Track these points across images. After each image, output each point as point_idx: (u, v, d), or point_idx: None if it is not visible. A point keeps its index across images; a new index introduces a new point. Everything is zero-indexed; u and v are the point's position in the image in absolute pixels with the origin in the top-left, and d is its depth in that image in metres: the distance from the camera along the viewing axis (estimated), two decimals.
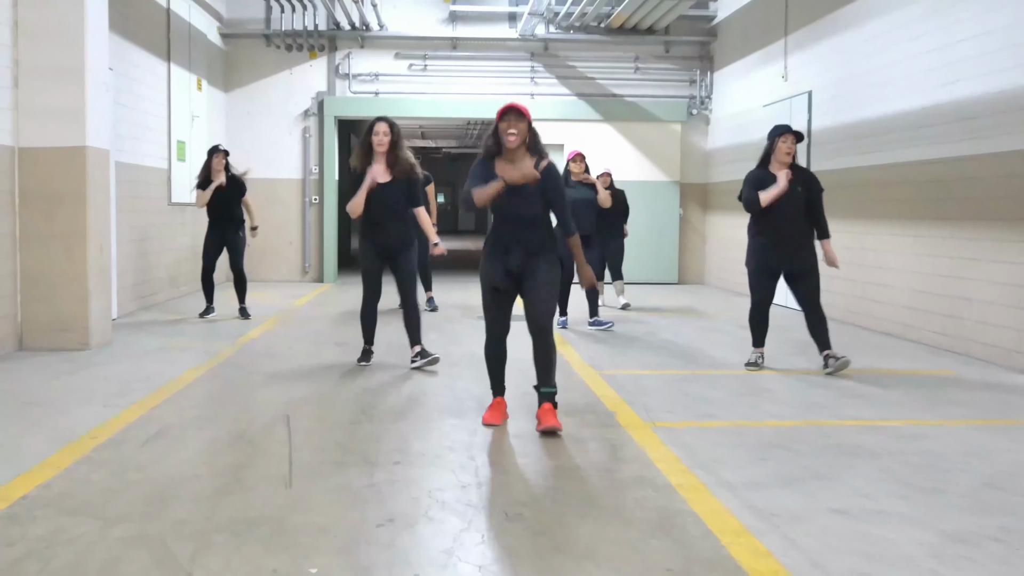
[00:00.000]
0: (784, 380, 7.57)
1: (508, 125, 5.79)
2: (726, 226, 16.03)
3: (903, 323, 10.02)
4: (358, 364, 8.02)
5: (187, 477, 4.72)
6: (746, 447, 5.43)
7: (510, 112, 5.80)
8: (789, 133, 7.86)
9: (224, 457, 5.13)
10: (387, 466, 4.95)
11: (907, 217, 9.96)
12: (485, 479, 4.76)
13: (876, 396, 6.96)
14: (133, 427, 5.75)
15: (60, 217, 8.73)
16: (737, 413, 6.37)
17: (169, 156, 13.27)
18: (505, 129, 5.79)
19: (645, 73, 17.04)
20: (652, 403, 6.64)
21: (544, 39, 16.78)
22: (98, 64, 8.97)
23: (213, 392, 6.98)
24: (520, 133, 5.78)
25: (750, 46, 15.00)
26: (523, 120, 5.80)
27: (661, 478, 4.79)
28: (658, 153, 16.98)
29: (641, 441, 5.55)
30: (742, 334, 10.09)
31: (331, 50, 16.78)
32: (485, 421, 5.94)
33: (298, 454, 5.17)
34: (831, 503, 4.40)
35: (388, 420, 6.04)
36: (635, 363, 8.40)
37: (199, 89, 14.76)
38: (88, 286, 8.79)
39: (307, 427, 5.83)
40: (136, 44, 11.95)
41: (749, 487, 4.65)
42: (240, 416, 6.13)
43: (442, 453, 5.24)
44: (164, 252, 13.06)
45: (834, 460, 5.15)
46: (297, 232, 16.87)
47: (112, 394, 6.74)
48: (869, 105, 10.86)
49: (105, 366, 7.92)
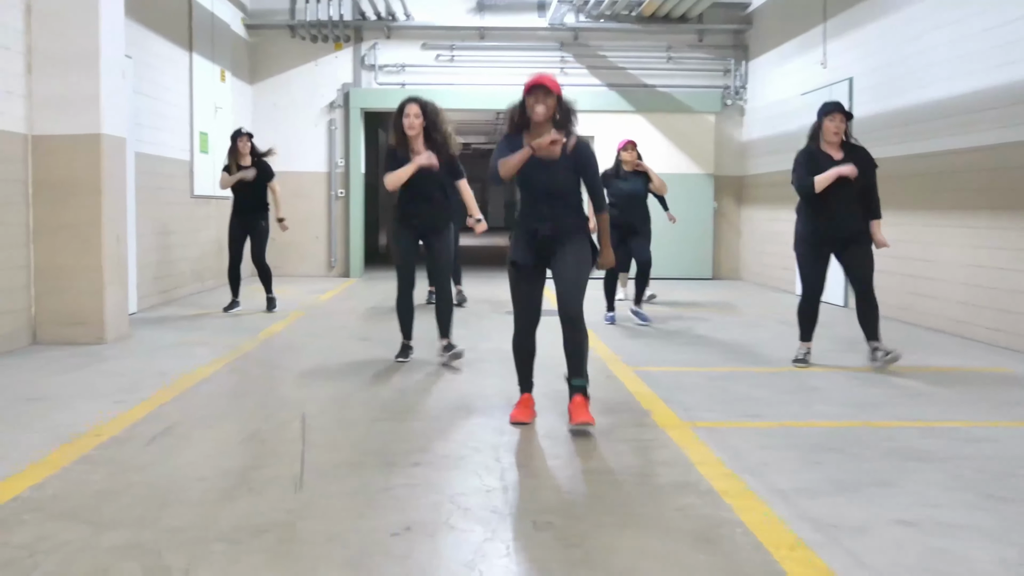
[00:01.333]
0: (833, 377, 7.13)
1: (535, 100, 5.42)
2: (762, 220, 15.57)
3: (954, 318, 9.54)
4: (396, 361, 7.61)
5: (190, 479, 4.36)
6: (796, 449, 5.01)
7: (537, 88, 5.42)
8: (837, 111, 7.40)
9: (232, 457, 4.77)
10: (406, 468, 4.57)
11: (959, 207, 9.48)
12: (512, 483, 4.37)
13: (933, 395, 6.51)
14: (140, 425, 5.41)
15: (75, 207, 8.42)
16: (784, 412, 5.95)
17: (191, 147, 12.97)
18: (532, 104, 5.43)
19: (678, 63, 16.58)
20: (691, 401, 6.23)
21: (574, 28, 16.36)
22: (114, 49, 8.65)
23: (227, 388, 6.63)
24: (548, 108, 5.41)
25: (787, 33, 14.53)
26: (551, 95, 5.42)
27: (704, 483, 4.38)
28: (692, 145, 16.53)
29: (680, 442, 5.15)
30: (783, 329, 9.66)
31: (357, 41, 16.44)
32: (513, 419, 5.56)
33: (312, 455, 4.81)
34: (896, 513, 3.97)
35: (409, 418, 5.67)
36: (671, 359, 7.98)
37: (223, 80, 14.46)
38: (103, 278, 8.48)
39: (323, 425, 5.46)
40: (157, 33, 11.65)
41: (803, 494, 4.23)
42: (254, 413, 5.77)
43: (466, 454, 4.86)
44: (187, 245, 12.76)
45: (896, 465, 4.71)
46: (323, 226, 16.55)
47: (122, 389, 6.41)
48: (915, 90, 10.38)
49: (118, 360, 7.60)
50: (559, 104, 5.47)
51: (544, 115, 5.41)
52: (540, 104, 5.40)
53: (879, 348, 7.34)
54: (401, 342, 7.71)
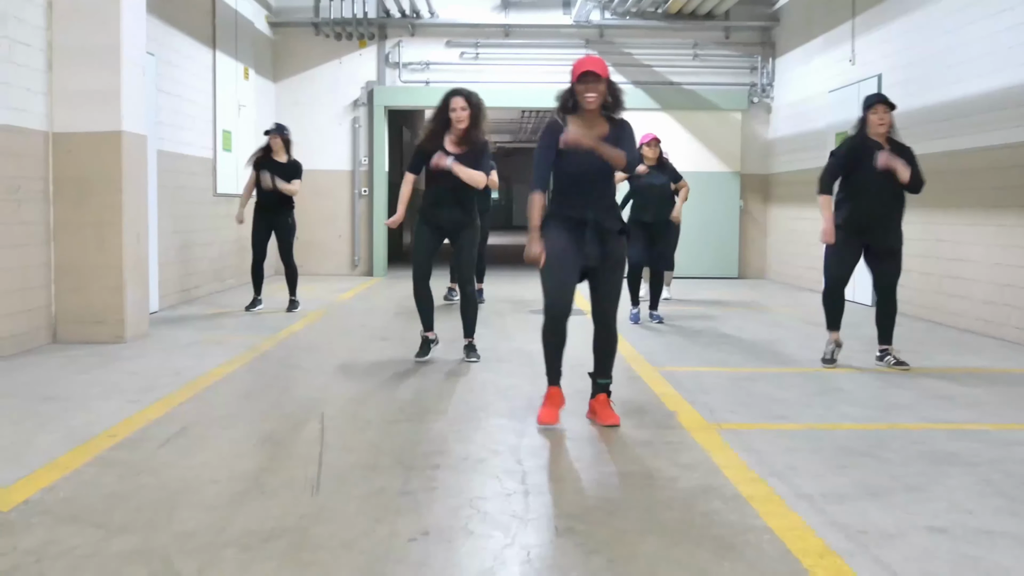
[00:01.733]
0: (859, 378, 6.99)
1: (586, 88, 5.32)
2: (789, 218, 15.39)
3: (982, 319, 9.36)
4: (415, 360, 7.50)
5: (204, 481, 4.28)
6: (823, 453, 4.88)
7: (588, 75, 5.31)
8: (880, 103, 7.22)
9: (247, 459, 4.68)
10: (425, 471, 4.47)
11: (989, 205, 9.30)
12: (533, 487, 4.26)
13: (962, 396, 6.36)
14: (154, 425, 5.34)
15: (94, 205, 8.38)
16: (810, 414, 5.81)
17: (215, 146, 12.93)
18: (583, 91, 5.32)
19: (704, 60, 16.43)
20: (715, 403, 6.10)
21: (599, 25, 16.24)
22: (134, 45, 8.60)
23: (245, 388, 6.55)
24: (599, 95, 5.32)
25: (814, 30, 14.34)
26: (601, 81, 5.32)
27: (729, 487, 4.26)
28: (717, 143, 16.37)
29: (705, 445, 5.03)
30: (809, 330, 9.52)
31: (381, 39, 16.37)
32: (541, 421, 5.40)
33: (328, 456, 4.72)
34: (928, 520, 3.84)
35: (429, 419, 5.57)
36: (695, 359, 7.86)
37: (246, 78, 14.42)
38: (123, 277, 8.43)
39: (341, 426, 5.38)
40: (180, 30, 11.61)
41: (831, 499, 4.10)
42: (270, 414, 5.69)
43: (486, 457, 4.75)
44: (209, 244, 12.73)
45: (926, 469, 4.58)
46: (346, 225, 16.49)
47: (139, 389, 6.35)
48: (946, 86, 10.20)
49: (136, 360, 7.55)
50: (609, 89, 5.38)
51: (595, 102, 5.33)
52: (591, 92, 5.31)
53: (889, 352, 7.23)
54: (421, 335, 7.62)
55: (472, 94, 7.30)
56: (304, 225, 15.97)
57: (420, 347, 7.59)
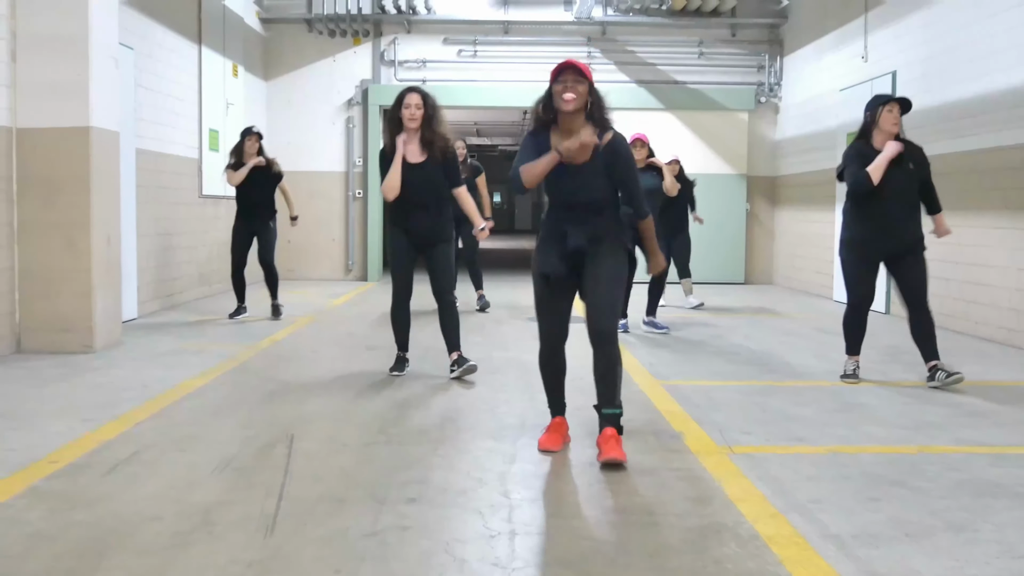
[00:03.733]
0: (882, 393, 6.44)
1: (564, 88, 4.68)
2: (797, 222, 14.85)
3: (1007, 327, 8.82)
4: (390, 374, 7.00)
5: (145, 518, 3.74)
6: (851, 482, 4.33)
7: (567, 70, 4.69)
8: (895, 101, 6.67)
9: (200, 490, 4.14)
10: (398, 505, 3.93)
11: (1014, 207, 8.75)
12: (520, 525, 3.71)
13: (995, 414, 5.81)
14: (105, 449, 4.80)
15: (62, 205, 7.86)
16: (832, 435, 5.26)
17: (200, 145, 12.41)
18: (560, 92, 4.69)
19: (710, 58, 15.88)
20: (726, 421, 5.56)
21: (602, 22, 15.69)
22: (105, 35, 8.08)
23: (214, 404, 5.99)
24: (579, 96, 4.68)
25: (825, 26, 13.80)
26: (583, 81, 4.69)
27: (745, 525, 3.72)
28: (723, 144, 15.82)
29: (716, 472, 4.48)
30: (823, 338, 8.98)
31: (376, 35, 15.84)
32: (541, 447, 4.87)
33: (293, 487, 4.17)
34: (979, 568, 3.29)
35: (410, 442, 5.03)
36: (703, 372, 7.32)
37: (235, 75, 13.90)
38: (92, 281, 7.90)
39: (312, 449, 4.84)
40: (162, 23, 11.08)
41: (864, 541, 3.55)
42: (235, 435, 5.14)
43: (470, 487, 4.21)
44: (195, 248, 12.20)
45: (969, 503, 4.02)
46: (340, 227, 15.96)
47: (97, 405, 5.82)
48: (965, 83, 9.66)
49: (104, 371, 7.02)
50: (591, 93, 4.76)
51: (575, 104, 4.67)
52: (569, 91, 4.66)
53: (940, 368, 6.59)
54: (396, 354, 7.10)
55: (428, 95, 6.73)
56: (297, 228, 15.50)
57: (396, 363, 7.07)
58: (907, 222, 6.58)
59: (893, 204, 6.52)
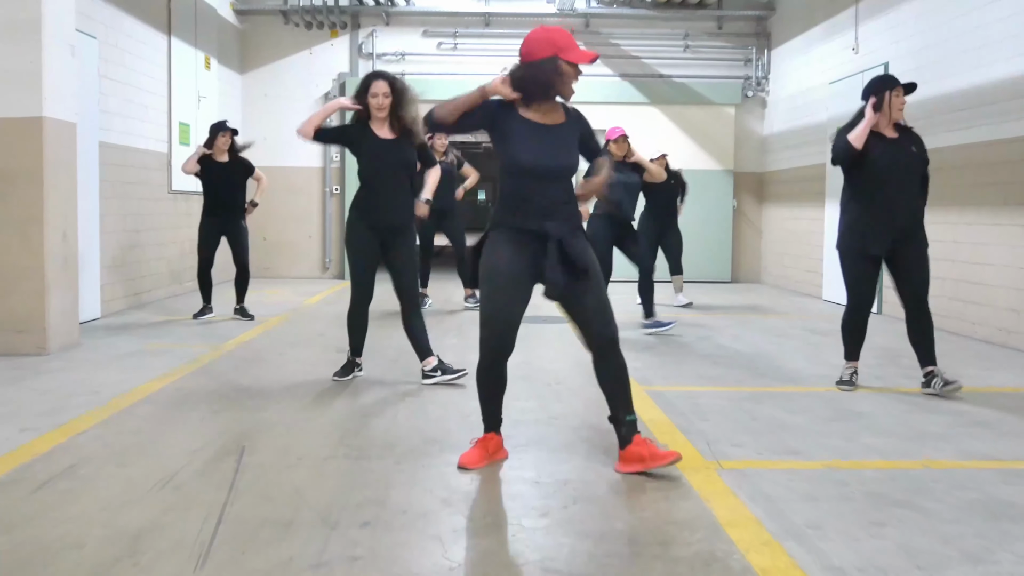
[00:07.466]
0: (879, 400, 6.06)
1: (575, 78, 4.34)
2: (785, 219, 14.50)
3: (1006, 328, 8.47)
4: (333, 379, 6.54)
5: (66, 545, 3.34)
6: (852, 503, 3.95)
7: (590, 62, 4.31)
8: (900, 85, 6.26)
9: (135, 511, 3.73)
10: (350, 530, 3.53)
11: (1013, 203, 8.41)
12: (481, 557, 3.31)
13: (1000, 423, 5.45)
14: (39, 461, 4.40)
15: (14, 200, 7.45)
16: (828, 447, 4.89)
17: (170, 139, 11.98)
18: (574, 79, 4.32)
19: (696, 52, 15.51)
20: (714, 432, 5.18)
21: (585, 14, 15.31)
22: (60, 21, 7.65)
23: (165, 411, 5.58)
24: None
25: (814, 18, 13.45)
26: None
27: (736, 556, 3.34)
28: (710, 139, 15.46)
29: (703, 491, 4.09)
30: (813, 340, 8.63)
31: (354, 28, 15.44)
32: (460, 463, 4.41)
33: (237, 507, 3.78)
34: None
35: (371, 455, 4.63)
36: (689, 375, 6.94)
37: (207, 68, 13.46)
38: (46, 280, 7.49)
39: (264, 463, 4.44)
40: (128, 12, 10.65)
41: (870, 574, 3.18)
42: (182, 447, 4.74)
43: (432, 508, 3.81)
44: (165, 244, 11.78)
45: (984, 528, 3.63)
46: (317, 224, 15.55)
47: (41, 413, 5.41)
48: (961, 73, 9.31)
49: (55, 374, 6.61)
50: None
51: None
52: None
53: (936, 375, 6.22)
54: (348, 358, 6.66)
55: (396, 79, 6.33)
56: (273, 225, 15.12)
57: (344, 367, 6.63)
58: (907, 203, 6.18)
59: (893, 188, 6.11)
